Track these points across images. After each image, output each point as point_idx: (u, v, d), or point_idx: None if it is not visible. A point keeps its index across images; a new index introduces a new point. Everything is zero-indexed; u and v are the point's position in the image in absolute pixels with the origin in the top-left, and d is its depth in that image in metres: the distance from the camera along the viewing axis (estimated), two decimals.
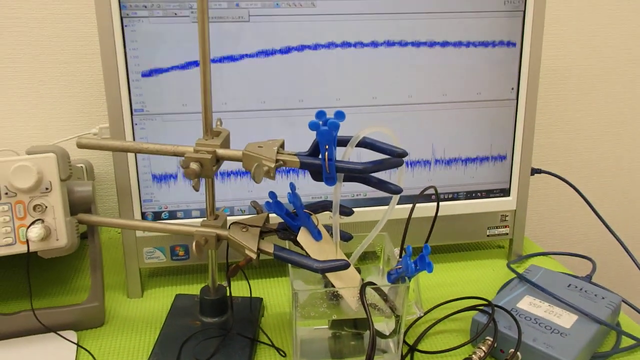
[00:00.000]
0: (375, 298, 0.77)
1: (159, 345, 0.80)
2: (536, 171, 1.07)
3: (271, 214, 0.78)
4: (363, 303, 0.72)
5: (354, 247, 0.80)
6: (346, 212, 0.80)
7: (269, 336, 0.85)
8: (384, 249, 0.86)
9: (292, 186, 0.76)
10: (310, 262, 0.73)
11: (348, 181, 0.74)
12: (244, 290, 0.94)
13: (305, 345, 0.80)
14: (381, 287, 0.76)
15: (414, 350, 0.82)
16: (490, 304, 0.84)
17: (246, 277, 0.88)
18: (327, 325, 0.80)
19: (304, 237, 0.76)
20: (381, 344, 0.81)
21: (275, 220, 0.79)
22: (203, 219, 0.80)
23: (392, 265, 0.80)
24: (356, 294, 0.75)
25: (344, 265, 0.72)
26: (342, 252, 0.78)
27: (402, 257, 0.76)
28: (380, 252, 0.87)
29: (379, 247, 0.87)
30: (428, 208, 0.97)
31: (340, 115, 0.68)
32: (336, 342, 0.80)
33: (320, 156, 0.70)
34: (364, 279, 0.78)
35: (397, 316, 0.77)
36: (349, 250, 0.80)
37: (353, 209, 0.80)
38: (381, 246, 0.86)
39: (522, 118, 0.99)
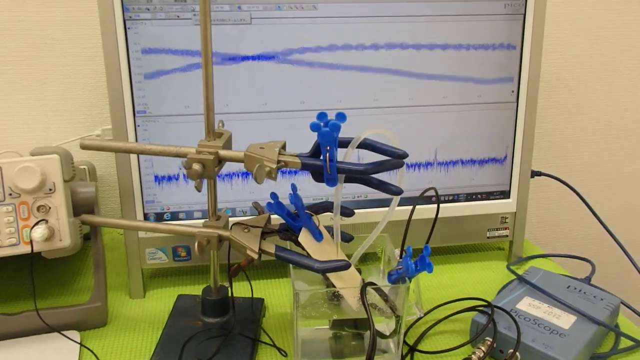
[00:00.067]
0: (376, 298, 0.77)
1: (161, 345, 0.80)
2: (536, 173, 1.08)
3: (273, 214, 0.79)
4: (364, 303, 0.72)
5: (354, 248, 0.81)
6: (347, 213, 0.80)
7: (270, 336, 0.85)
8: (385, 249, 0.86)
9: (294, 187, 0.77)
10: (311, 262, 0.73)
11: (349, 182, 0.75)
12: (246, 291, 0.94)
13: (306, 345, 0.80)
14: (382, 288, 0.77)
15: (414, 350, 0.83)
16: (490, 304, 0.85)
17: (248, 277, 0.88)
18: (327, 326, 0.81)
19: (305, 238, 0.77)
20: (381, 344, 0.81)
21: (276, 221, 0.79)
22: (205, 219, 0.80)
23: (393, 266, 0.80)
24: (357, 294, 0.75)
25: (344, 266, 0.73)
26: (342, 253, 0.78)
27: (402, 257, 0.76)
28: (380, 253, 0.87)
29: (379, 248, 0.87)
30: (428, 210, 0.97)
31: (341, 116, 0.68)
32: (337, 342, 0.81)
33: (322, 157, 0.71)
34: (365, 279, 0.78)
35: (397, 316, 0.77)
36: (350, 251, 0.80)
37: (354, 210, 0.81)
38: (382, 247, 0.87)
39: (522, 120, 1.00)
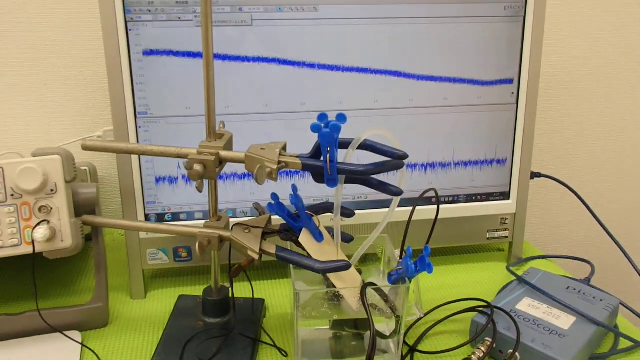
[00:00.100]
0: (376, 299, 0.77)
1: (162, 345, 0.81)
2: (536, 175, 1.08)
3: (273, 215, 0.79)
4: (364, 303, 0.72)
5: (355, 249, 0.81)
6: (347, 214, 0.80)
7: (270, 336, 0.85)
8: (385, 250, 0.87)
9: (294, 188, 0.77)
10: (312, 262, 0.73)
11: (349, 183, 0.75)
12: (246, 292, 0.94)
13: (306, 345, 0.80)
14: (382, 288, 0.77)
15: (414, 350, 0.83)
16: (490, 305, 0.85)
17: (248, 278, 0.89)
18: (328, 326, 0.81)
19: (305, 238, 0.77)
20: (381, 344, 0.81)
21: (277, 221, 0.79)
22: (206, 220, 0.81)
23: (393, 266, 0.80)
24: (357, 295, 0.75)
25: (345, 266, 0.73)
26: (343, 254, 0.78)
27: (402, 258, 0.77)
28: (381, 254, 0.88)
29: (379, 249, 0.87)
30: (428, 211, 0.98)
31: (341, 117, 0.69)
32: (337, 343, 0.81)
33: (322, 158, 0.71)
34: (365, 280, 0.78)
35: (397, 317, 0.77)
36: (350, 252, 0.81)
37: (354, 211, 0.81)
38: (382, 248, 0.87)
39: (522, 122, 1.00)
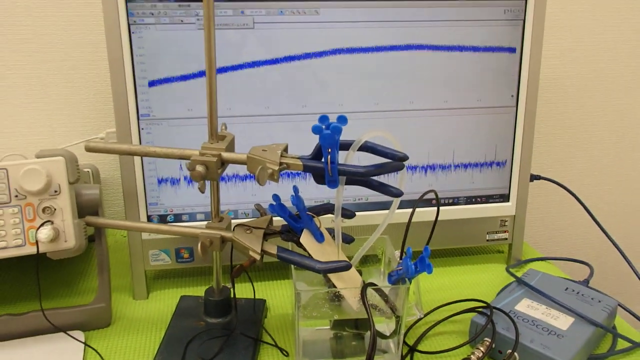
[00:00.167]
0: (376, 299, 0.78)
1: (165, 345, 0.81)
2: (535, 177, 1.09)
3: (275, 216, 0.79)
4: (364, 303, 0.72)
5: (355, 250, 0.81)
6: (348, 215, 0.81)
7: (272, 336, 0.86)
8: (385, 251, 0.87)
9: (296, 189, 0.77)
10: (313, 262, 0.74)
11: (350, 184, 0.75)
12: (248, 292, 0.95)
13: (307, 345, 0.81)
14: (382, 288, 0.78)
15: (413, 350, 0.83)
16: (489, 306, 0.85)
17: (250, 278, 0.89)
18: (328, 326, 0.81)
19: (306, 239, 0.78)
20: (382, 344, 0.82)
21: (278, 222, 0.80)
22: (208, 221, 0.81)
23: (393, 267, 0.81)
24: (357, 295, 0.76)
25: (345, 266, 0.73)
26: (343, 254, 0.79)
27: (402, 259, 0.77)
28: (381, 255, 0.88)
29: (380, 250, 0.88)
30: (429, 212, 0.98)
31: (342, 119, 0.70)
32: (338, 343, 0.81)
33: (323, 159, 0.71)
34: (365, 281, 0.79)
35: (397, 317, 0.78)
36: (351, 253, 0.81)
37: (355, 212, 0.82)
38: (382, 249, 0.88)
39: (521, 125, 1.01)
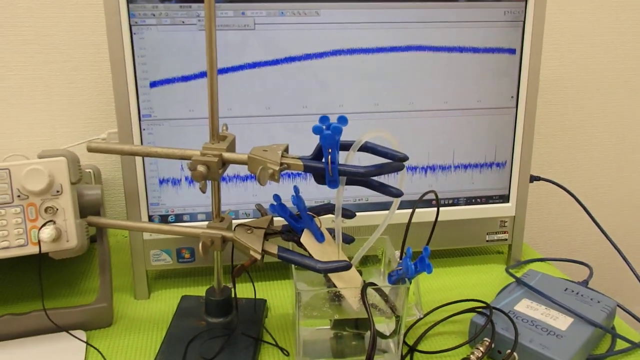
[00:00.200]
0: (376, 299, 0.78)
1: (166, 345, 0.82)
2: (535, 178, 1.09)
3: (275, 216, 0.80)
4: (364, 303, 0.73)
5: (355, 250, 0.82)
6: (348, 215, 0.81)
7: (272, 336, 0.86)
8: (385, 251, 0.88)
9: (296, 189, 0.78)
10: (313, 262, 0.74)
11: (350, 184, 0.76)
12: (249, 292, 0.95)
13: (308, 345, 0.81)
14: (382, 288, 0.78)
15: (413, 350, 0.84)
16: (489, 306, 0.86)
17: (251, 278, 0.90)
18: (329, 326, 0.82)
19: (307, 239, 0.78)
20: (382, 344, 0.82)
21: (279, 222, 0.81)
22: (209, 221, 0.82)
23: (393, 267, 0.81)
24: (357, 294, 0.76)
25: (345, 266, 0.74)
26: (344, 254, 0.79)
27: (402, 258, 0.78)
28: (381, 256, 0.88)
29: (380, 250, 0.88)
30: (429, 213, 0.99)
31: (343, 120, 0.70)
32: (338, 342, 0.82)
33: (324, 160, 0.72)
34: (365, 281, 0.79)
35: (397, 317, 0.78)
36: (351, 254, 0.82)
37: (355, 213, 0.82)
38: (382, 249, 0.88)
39: (521, 126, 1.01)
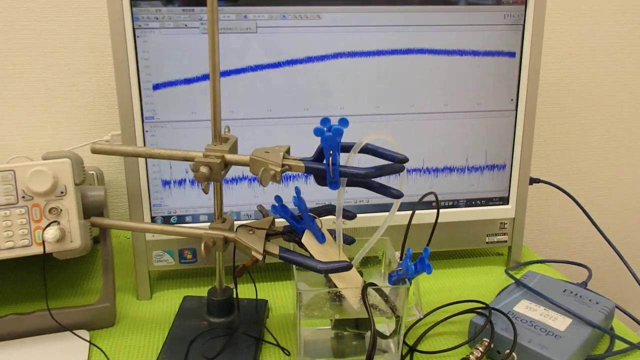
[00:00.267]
0: (377, 299, 0.79)
1: (168, 344, 0.82)
2: (535, 180, 1.10)
3: (277, 217, 0.80)
4: (365, 303, 0.73)
5: (356, 251, 0.82)
6: (349, 216, 0.82)
7: (274, 336, 0.87)
8: (386, 252, 0.88)
9: (298, 190, 0.78)
10: (314, 263, 0.75)
11: (351, 186, 0.76)
12: (250, 293, 0.96)
13: (308, 345, 0.82)
14: (382, 288, 0.79)
15: (413, 350, 0.84)
16: (488, 306, 0.86)
17: (252, 279, 0.90)
18: (330, 326, 0.82)
19: (308, 240, 0.79)
20: (382, 344, 0.83)
21: (280, 223, 0.81)
22: (211, 222, 0.83)
23: (394, 268, 0.82)
24: (358, 295, 0.77)
25: (346, 267, 0.74)
26: (344, 255, 0.80)
27: (402, 259, 0.78)
28: (381, 257, 0.89)
29: (380, 251, 0.89)
30: (429, 215, 0.99)
31: (344, 122, 0.71)
32: (338, 342, 0.82)
33: (325, 161, 0.72)
34: (366, 282, 0.80)
35: (397, 317, 0.79)
36: (352, 255, 0.82)
37: (356, 214, 0.83)
38: (383, 250, 0.88)
39: (521, 128, 1.02)
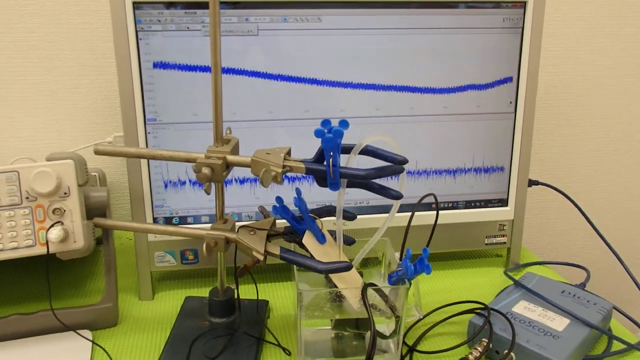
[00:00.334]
0: (377, 299, 0.80)
1: (170, 344, 0.83)
2: (533, 183, 1.10)
3: (278, 218, 0.81)
4: (365, 303, 0.74)
5: (356, 252, 0.83)
6: (349, 217, 0.83)
7: (274, 336, 0.88)
8: (385, 253, 0.89)
9: (298, 191, 0.79)
10: (315, 263, 0.75)
11: (351, 187, 0.77)
12: (251, 293, 0.96)
13: (309, 345, 0.82)
14: (382, 288, 0.79)
15: (413, 350, 0.85)
16: (487, 307, 0.87)
17: (254, 279, 0.91)
18: (330, 326, 0.83)
19: (309, 240, 0.79)
20: (382, 344, 0.84)
21: (281, 224, 0.82)
22: (212, 223, 0.83)
23: (393, 269, 0.82)
24: (358, 295, 0.78)
25: (346, 267, 0.75)
26: (345, 256, 0.81)
27: (402, 260, 0.79)
28: (381, 257, 0.90)
29: (380, 252, 0.89)
30: (428, 216, 1.00)
31: (344, 123, 0.71)
32: (339, 342, 0.83)
33: (325, 162, 0.73)
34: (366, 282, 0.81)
35: (397, 317, 0.79)
36: (352, 256, 0.83)
37: (356, 215, 0.84)
38: (383, 251, 0.89)
39: (520, 131, 1.02)
